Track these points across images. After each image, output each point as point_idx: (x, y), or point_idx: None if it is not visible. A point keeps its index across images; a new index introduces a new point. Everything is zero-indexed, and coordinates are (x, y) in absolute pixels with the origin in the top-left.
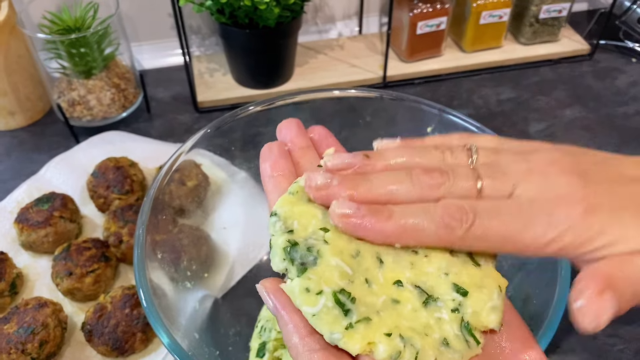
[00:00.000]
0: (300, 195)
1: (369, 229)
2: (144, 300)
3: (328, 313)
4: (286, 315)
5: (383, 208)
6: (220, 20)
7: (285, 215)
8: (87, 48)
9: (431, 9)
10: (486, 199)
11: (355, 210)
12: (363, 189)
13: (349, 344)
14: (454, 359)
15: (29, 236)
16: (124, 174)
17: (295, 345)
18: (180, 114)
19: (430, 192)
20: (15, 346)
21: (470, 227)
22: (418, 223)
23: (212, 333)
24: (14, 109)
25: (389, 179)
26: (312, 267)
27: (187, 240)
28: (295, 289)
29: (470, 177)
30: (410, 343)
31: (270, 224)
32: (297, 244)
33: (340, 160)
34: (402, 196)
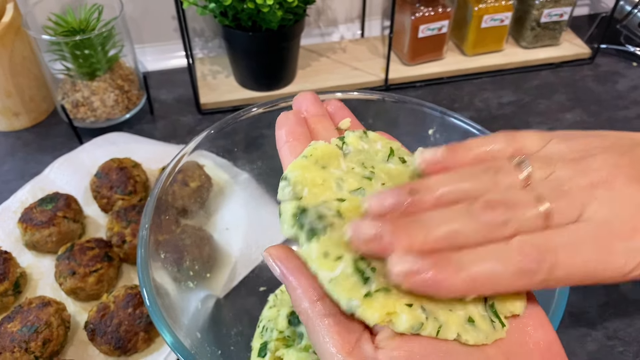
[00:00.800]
0: (314, 159)
1: (439, 286)
2: (147, 299)
3: (346, 279)
4: (294, 280)
5: (450, 258)
6: (224, 22)
7: (295, 181)
8: (91, 50)
9: (433, 13)
10: (556, 228)
11: (420, 265)
12: (421, 236)
13: (367, 312)
14: (478, 339)
15: (32, 236)
16: (127, 174)
17: (305, 310)
18: (183, 115)
19: (498, 231)
20: (18, 345)
21: (551, 269)
22: (492, 272)
23: (214, 333)
24: (19, 109)
25: (447, 219)
26: (322, 234)
27: (189, 241)
28: (312, 252)
29: (533, 202)
30: (434, 316)
31: (280, 188)
32: (307, 210)
33: (385, 202)
34: (466, 239)
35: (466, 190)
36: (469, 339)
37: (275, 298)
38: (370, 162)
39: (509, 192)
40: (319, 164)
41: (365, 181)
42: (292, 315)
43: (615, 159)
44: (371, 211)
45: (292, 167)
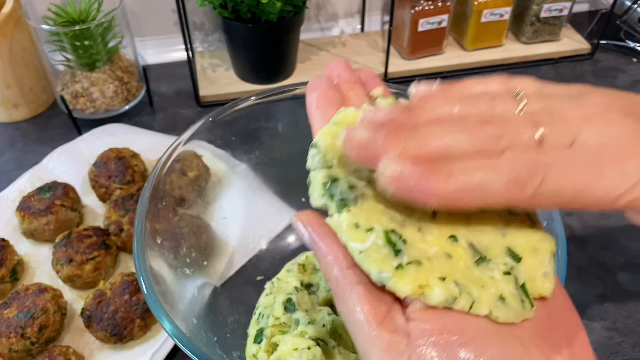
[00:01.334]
0: (344, 126)
1: (427, 192)
2: (144, 285)
3: (377, 251)
4: (325, 246)
5: (441, 165)
6: (223, 14)
7: (325, 148)
8: (90, 40)
9: (432, 7)
10: (549, 149)
11: (410, 169)
12: (414, 144)
13: (398, 284)
14: (508, 317)
15: (30, 224)
16: (125, 164)
17: (335, 277)
18: (182, 108)
19: (491, 144)
20: (14, 330)
21: (541, 183)
22: (483, 181)
23: (211, 320)
24: (18, 101)
25: (442, 131)
26: (352, 205)
27: (187, 229)
28: (343, 223)
29: (529, 125)
30: (467, 291)
31: (310, 156)
32: (338, 180)
33: (379, 114)
34: (460, 150)
35: (461, 112)
36: (499, 315)
37: (272, 286)
38: None
39: (505, 114)
40: None
41: None
42: (288, 302)
43: (612, 99)
44: (364, 120)
45: (322, 134)
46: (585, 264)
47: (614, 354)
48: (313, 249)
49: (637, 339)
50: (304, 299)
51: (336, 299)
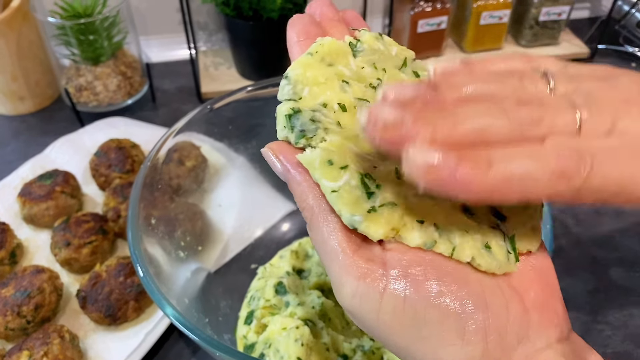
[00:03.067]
0: (320, 56)
1: (463, 184)
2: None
3: (350, 192)
4: (299, 175)
5: (479, 155)
6: (225, 12)
7: (296, 79)
8: (95, 35)
9: (432, 8)
10: (590, 136)
11: (444, 159)
12: (446, 127)
13: (370, 228)
14: (491, 267)
15: (30, 209)
16: (125, 154)
17: (309, 206)
18: (184, 104)
19: (530, 130)
20: (11, 308)
21: (588, 176)
22: (527, 172)
23: (203, 302)
24: (24, 94)
25: (477, 112)
26: (311, 135)
27: (182, 215)
28: (315, 159)
29: (566, 108)
30: (449, 236)
31: (280, 87)
32: (300, 112)
33: (404, 92)
34: (497, 135)
35: (492, 91)
36: (482, 263)
37: (264, 270)
38: (382, 65)
39: (539, 95)
40: (325, 62)
41: (372, 92)
42: (279, 285)
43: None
44: (387, 98)
45: (295, 65)
46: (578, 260)
47: (604, 346)
48: (286, 178)
49: (627, 332)
50: (295, 282)
51: (310, 228)
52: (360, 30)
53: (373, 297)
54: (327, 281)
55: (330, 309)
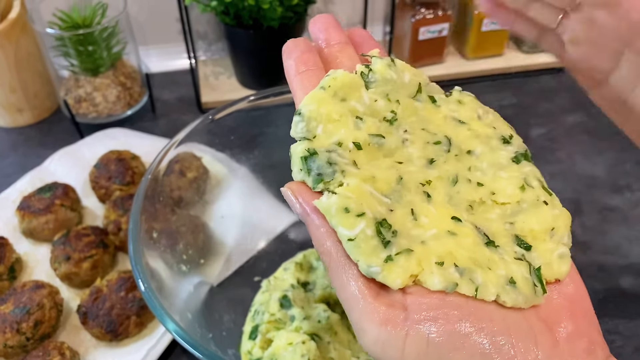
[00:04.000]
0: (332, 90)
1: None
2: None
3: (366, 242)
4: (317, 219)
5: None
6: (225, 21)
7: (309, 116)
8: (94, 46)
9: (433, 16)
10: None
11: None
12: None
13: (388, 278)
14: (517, 302)
15: (29, 223)
16: (125, 165)
17: (327, 250)
18: (184, 114)
19: None
20: (10, 325)
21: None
22: None
23: (206, 317)
24: (22, 106)
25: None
26: (330, 179)
27: (184, 227)
28: (332, 207)
29: None
30: (470, 276)
31: (293, 123)
32: (317, 154)
33: None
34: None
35: None
36: (507, 300)
37: (268, 283)
38: (395, 95)
39: None
40: (337, 96)
41: (385, 126)
42: (283, 299)
43: None
44: None
45: (308, 100)
46: (586, 268)
47: (615, 357)
48: (305, 220)
49: (639, 342)
50: (300, 296)
51: (330, 273)
52: (371, 57)
53: (396, 343)
54: (332, 294)
55: (337, 322)
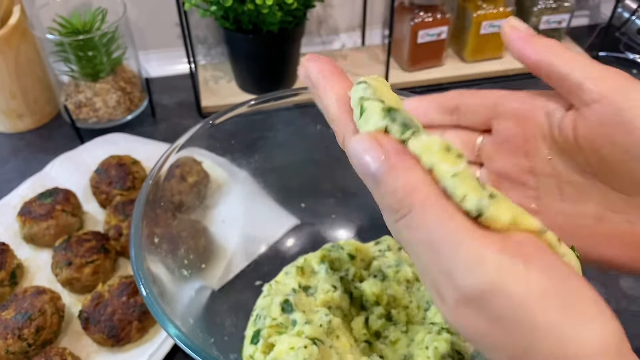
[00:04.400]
0: (379, 92)
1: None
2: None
3: (469, 178)
4: (409, 159)
5: None
6: (225, 25)
7: (375, 87)
8: (94, 51)
9: (432, 19)
10: None
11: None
12: None
13: (499, 211)
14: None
15: (30, 228)
16: (126, 170)
17: (419, 194)
18: (184, 119)
19: None
20: (11, 331)
21: None
22: None
23: (208, 322)
24: (23, 111)
25: None
26: (415, 130)
27: (185, 232)
28: (434, 143)
29: None
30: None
31: (360, 88)
32: (398, 110)
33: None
34: None
35: None
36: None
37: (269, 288)
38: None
39: None
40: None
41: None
42: (285, 303)
43: None
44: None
45: (367, 79)
46: (587, 271)
47: None
48: (385, 167)
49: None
50: (302, 300)
51: (417, 219)
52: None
53: (519, 270)
54: (334, 297)
55: (338, 326)
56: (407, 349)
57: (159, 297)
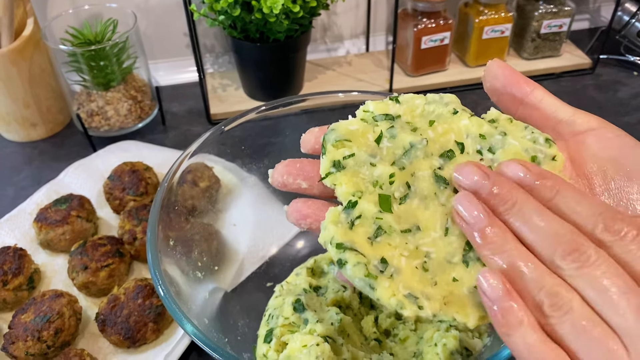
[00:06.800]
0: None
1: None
2: (159, 283)
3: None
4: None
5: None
6: (232, 34)
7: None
8: (106, 61)
9: (435, 25)
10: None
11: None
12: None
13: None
14: None
15: (47, 234)
16: (139, 176)
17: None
18: (194, 126)
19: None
20: (31, 334)
21: None
22: None
23: (222, 322)
24: (36, 120)
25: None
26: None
27: (198, 235)
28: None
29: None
30: None
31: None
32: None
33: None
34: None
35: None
36: None
37: (281, 288)
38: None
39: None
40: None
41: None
42: (297, 303)
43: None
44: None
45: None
46: None
47: None
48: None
49: None
50: (313, 300)
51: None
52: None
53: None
54: (344, 297)
55: (349, 325)
56: (417, 346)
57: (175, 297)
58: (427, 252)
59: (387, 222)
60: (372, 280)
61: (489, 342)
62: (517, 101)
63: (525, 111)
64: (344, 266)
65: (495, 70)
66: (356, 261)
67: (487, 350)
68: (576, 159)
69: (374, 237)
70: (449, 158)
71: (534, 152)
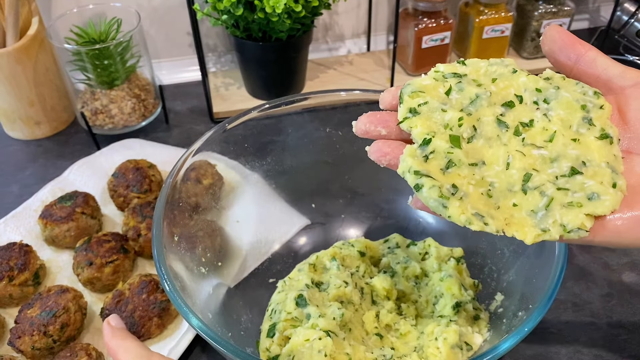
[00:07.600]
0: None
1: None
2: (165, 278)
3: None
4: None
5: None
6: (235, 33)
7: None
8: (110, 59)
9: (435, 24)
10: None
11: None
12: None
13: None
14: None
15: (52, 231)
16: (143, 174)
17: None
18: (196, 124)
19: None
20: (37, 328)
21: None
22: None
23: (225, 317)
24: (40, 118)
25: None
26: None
27: (202, 232)
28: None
29: None
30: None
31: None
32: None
33: None
34: None
35: None
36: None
37: (283, 284)
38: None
39: None
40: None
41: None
42: (299, 298)
43: None
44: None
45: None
46: (590, 266)
47: (620, 351)
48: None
49: None
50: (315, 295)
51: None
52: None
53: None
54: (346, 292)
55: (351, 319)
56: (418, 341)
57: (180, 291)
58: (491, 182)
59: (457, 156)
60: (444, 200)
61: (489, 337)
62: (572, 61)
63: (580, 70)
64: (421, 189)
65: (553, 34)
66: (431, 184)
67: (487, 344)
68: (622, 108)
69: (445, 168)
70: (510, 107)
71: (583, 102)
